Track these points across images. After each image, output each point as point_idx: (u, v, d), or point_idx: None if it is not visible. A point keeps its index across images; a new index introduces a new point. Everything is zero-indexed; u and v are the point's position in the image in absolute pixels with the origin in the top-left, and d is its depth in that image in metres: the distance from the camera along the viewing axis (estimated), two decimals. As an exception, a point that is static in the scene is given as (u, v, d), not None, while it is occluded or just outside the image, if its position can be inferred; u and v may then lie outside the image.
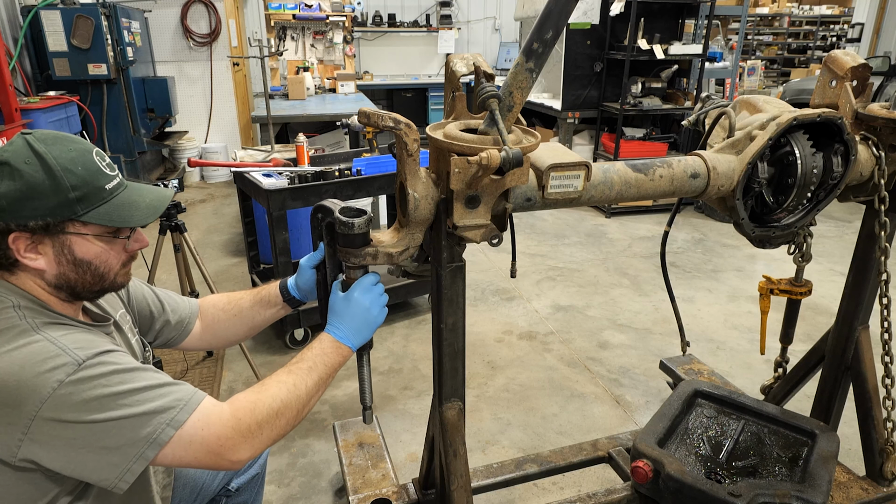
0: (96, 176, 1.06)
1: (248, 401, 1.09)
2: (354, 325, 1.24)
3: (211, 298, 1.54)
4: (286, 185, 2.99)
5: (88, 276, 1.09)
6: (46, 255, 1.05)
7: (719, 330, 3.54)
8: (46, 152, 1.01)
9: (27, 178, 0.99)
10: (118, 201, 1.08)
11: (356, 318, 1.25)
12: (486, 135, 1.14)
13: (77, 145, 1.07)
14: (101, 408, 0.96)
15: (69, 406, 0.94)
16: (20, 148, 1.02)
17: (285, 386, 1.14)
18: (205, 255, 4.55)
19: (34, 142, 1.02)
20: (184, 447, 1.01)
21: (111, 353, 1.02)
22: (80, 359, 0.97)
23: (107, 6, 5.07)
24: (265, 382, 1.14)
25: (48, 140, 1.04)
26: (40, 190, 1.00)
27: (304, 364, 1.19)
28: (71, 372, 0.95)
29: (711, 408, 1.85)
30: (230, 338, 1.53)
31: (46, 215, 1.01)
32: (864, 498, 1.79)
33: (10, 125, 3.95)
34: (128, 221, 1.09)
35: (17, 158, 1.00)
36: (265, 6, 7.45)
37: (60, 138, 1.06)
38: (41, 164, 1.00)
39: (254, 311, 1.49)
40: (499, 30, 9.18)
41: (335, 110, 5.87)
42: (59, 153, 1.03)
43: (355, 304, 1.24)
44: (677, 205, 1.93)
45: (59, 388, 0.93)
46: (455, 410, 1.45)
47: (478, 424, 2.69)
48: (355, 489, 1.86)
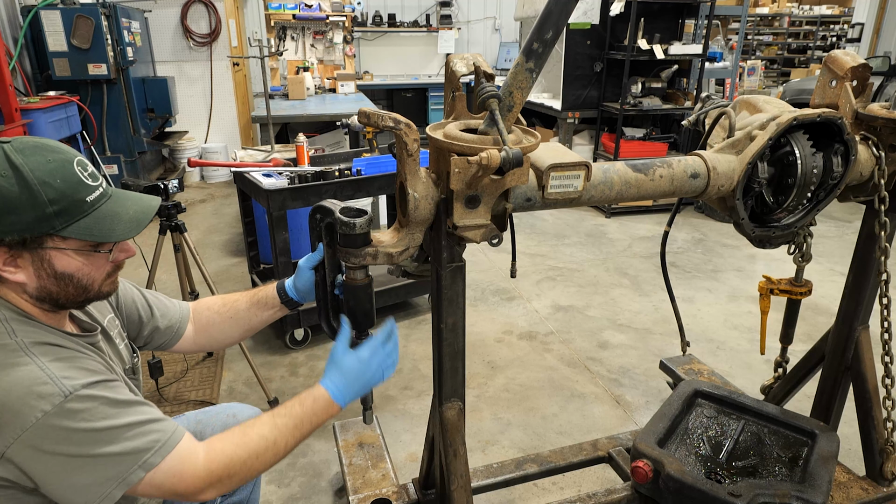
0: (76, 188, 1.01)
1: (224, 453, 1.10)
2: (356, 387, 1.23)
3: (205, 301, 1.52)
4: (286, 185, 2.99)
5: (71, 288, 1.06)
6: (26, 268, 1.02)
7: (719, 330, 3.54)
8: (23, 164, 0.96)
9: (2, 191, 0.95)
10: (99, 214, 1.04)
11: (360, 381, 1.23)
12: (486, 135, 1.14)
13: (57, 155, 1.01)
14: (79, 442, 0.96)
15: (49, 437, 0.94)
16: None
17: (265, 442, 1.14)
18: (205, 255, 4.55)
19: (11, 152, 0.97)
20: (153, 488, 1.03)
21: (97, 385, 1.00)
22: (66, 391, 0.96)
23: (107, 6, 5.07)
24: (247, 433, 1.14)
25: (26, 150, 0.98)
26: (16, 204, 0.95)
27: (292, 421, 1.17)
28: (56, 403, 0.94)
29: (711, 408, 1.85)
30: (225, 340, 1.52)
31: (23, 230, 0.97)
32: (864, 498, 1.79)
33: (10, 125, 3.95)
34: (108, 236, 1.04)
35: None
36: (265, 6, 7.45)
37: (40, 147, 1.01)
38: (17, 177, 0.96)
39: (250, 314, 1.48)
40: (499, 30, 9.18)
41: (335, 110, 5.87)
42: (37, 165, 0.98)
43: (364, 366, 1.23)
44: (677, 205, 1.93)
45: (42, 417, 0.93)
46: (455, 410, 1.45)
47: (478, 424, 2.69)
48: (355, 489, 1.86)
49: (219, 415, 1.60)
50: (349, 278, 1.26)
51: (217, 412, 1.62)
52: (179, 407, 2.76)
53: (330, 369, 1.24)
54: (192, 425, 1.57)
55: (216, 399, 2.84)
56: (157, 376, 2.70)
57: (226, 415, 1.60)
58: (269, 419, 1.17)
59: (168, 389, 2.90)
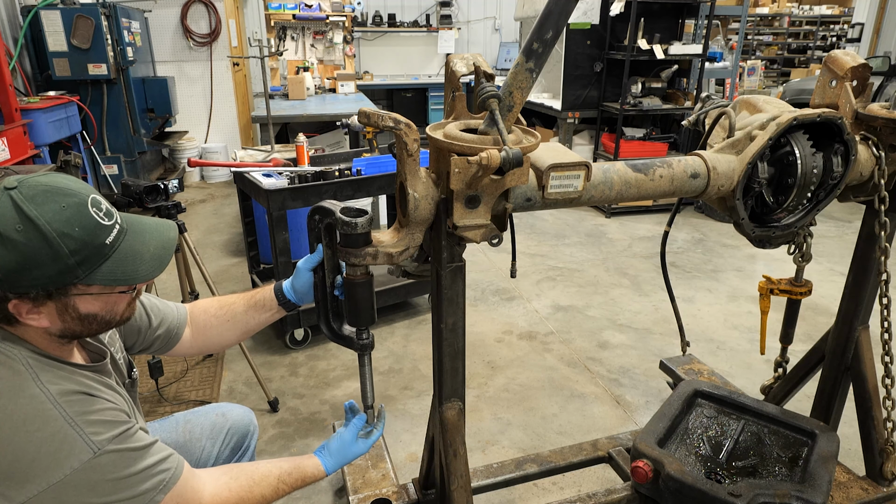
0: (95, 233, 0.98)
1: (228, 501, 1.19)
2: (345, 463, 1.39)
3: (202, 304, 1.51)
4: (286, 185, 2.99)
5: (94, 325, 1.08)
6: (50, 314, 1.01)
7: (719, 330, 3.54)
8: (38, 216, 0.92)
9: (21, 247, 0.92)
10: (120, 254, 1.02)
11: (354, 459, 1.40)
12: (486, 135, 1.14)
13: (71, 199, 0.96)
14: (101, 493, 1.01)
15: (74, 490, 0.98)
16: (7, 210, 0.92)
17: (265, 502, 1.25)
18: (205, 255, 4.55)
19: (22, 202, 0.92)
20: None
21: (119, 437, 1.03)
22: (95, 447, 0.99)
23: (107, 6, 5.07)
24: (253, 490, 1.23)
25: (37, 197, 0.93)
26: (37, 259, 0.93)
27: (289, 489, 1.29)
28: (85, 460, 0.98)
29: (711, 408, 1.85)
30: (223, 343, 1.52)
31: (47, 284, 0.96)
32: (864, 498, 1.79)
33: (10, 125, 3.95)
34: (133, 279, 1.04)
35: (6, 226, 0.91)
36: (265, 6, 7.45)
37: (51, 192, 0.95)
38: (34, 231, 0.92)
39: (248, 316, 1.48)
40: (499, 30, 9.18)
41: (335, 110, 5.87)
42: (52, 215, 0.94)
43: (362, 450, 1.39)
44: (677, 205, 1.93)
45: (70, 474, 0.97)
46: (455, 410, 1.45)
47: (478, 424, 2.69)
48: (355, 489, 1.86)
49: (207, 414, 1.61)
50: (350, 275, 1.26)
51: (206, 412, 1.62)
52: (179, 407, 2.76)
53: (335, 454, 1.37)
54: (181, 425, 1.57)
55: (216, 399, 2.84)
56: (157, 376, 2.70)
57: (214, 414, 1.61)
58: (275, 483, 1.27)
59: (168, 389, 2.90)
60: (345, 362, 3.15)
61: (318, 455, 1.36)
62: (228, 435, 1.60)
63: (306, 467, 1.33)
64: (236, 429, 1.61)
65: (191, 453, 1.54)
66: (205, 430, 1.57)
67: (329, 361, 3.17)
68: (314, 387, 2.96)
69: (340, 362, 3.15)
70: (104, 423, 1.02)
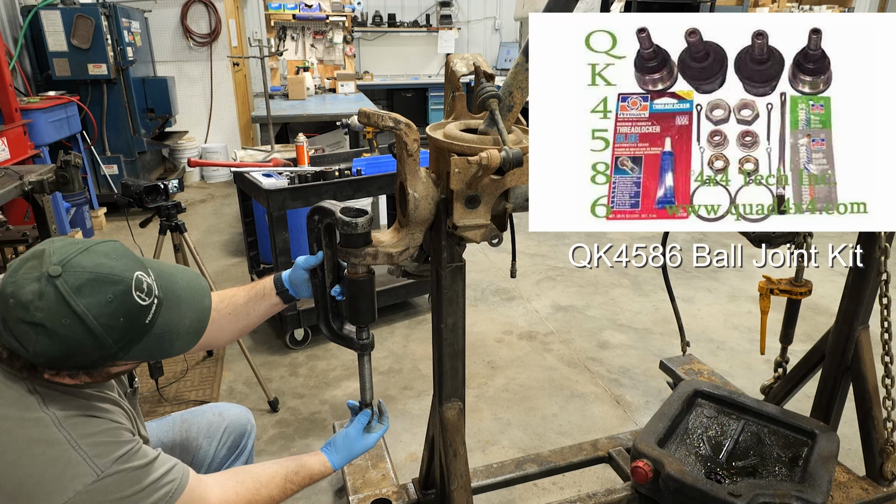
0: (138, 317, 0.99)
1: None
2: (351, 458, 1.39)
3: None
4: (286, 185, 2.99)
5: (118, 377, 1.13)
6: (80, 377, 1.05)
7: (719, 330, 3.54)
8: (85, 312, 0.93)
9: (66, 339, 0.93)
10: (157, 330, 1.02)
11: (360, 454, 1.40)
12: (486, 135, 1.14)
13: (117, 287, 0.96)
14: None
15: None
16: (54, 304, 0.91)
17: (273, 503, 1.26)
18: (205, 255, 4.55)
19: (68, 294, 0.92)
20: None
21: (124, 458, 1.03)
22: (98, 470, 0.99)
23: (107, 6, 5.07)
24: (260, 492, 1.23)
25: (83, 289, 0.93)
26: (81, 349, 0.95)
27: (297, 487, 1.30)
28: (88, 483, 0.98)
29: (711, 408, 1.85)
30: (225, 337, 1.51)
31: (86, 366, 1.00)
32: (864, 498, 1.79)
33: (9, 125, 3.95)
34: (168, 353, 1.06)
35: (52, 320, 0.92)
36: (265, 6, 7.44)
37: (97, 282, 0.94)
38: (80, 325, 0.93)
39: (248, 307, 1.46)
40: (499, 30, 9.17)
41: (335, 110, 5.87)
42: (99, 309, 0.94)
43: (368, 445, 1.38)
44: (677, 205, 1.93)
45: (74, 496, 0.97)
46: (455, 410, 1.46)
47: (478, 424, 2.69)
48: (355, 489, 1.86)
49: (204, 414, 1.61)
50: (351, 272, 1.26)
51: (203, 411, 1.62)
52: (179, 407, 2.76)
53: (341, 450, 1.37)
54: (178, 424, 1.57)
55: (216, 399, 2.84)
56: (157, 376, 2.70)
57: (211, 413, 1.61)
58: (282, 484, 1.27)
59: (168, 389, 2.90)
60: (345, 362, 3.15)
61: (323, 451, 1.36)
62: (225, 434, 1.60)
63: (312, 465, 1.33)
64: (233, 428, 1.61)
65: (187, 452, 1.54)
66: (201, 429, 1.57)
67: (329, 361, 3.17)
68: (314, 387, 2.96)
69: (340, 362, 3.15)
70: (108, 445, 1.03)
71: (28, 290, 0.91)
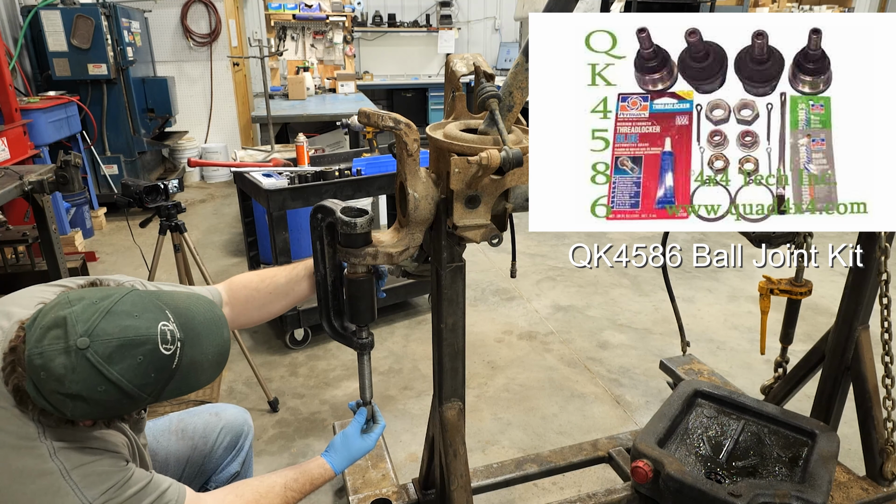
0: (166, 366, 0.99)
1: None
2: (351, 461, 1.39)
3: (241, 279, 1.47)
4: (286, 185, 2.99)
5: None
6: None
7: (719, 330, 3.54)
8: (119, 378, 0.94)
9: (103, 402, 0.95)
10: (183, 370, 1.02)
11: (358, 456, 1.39)
12: (486, 135, 1.14)
13: (145, 347, 0.96)
14: None
15: None
16: (87, 376, 0.92)
17: None
18: (205, 255, 4.55)
19: (100, 364, 0.92)
20: None
21: (112, 489, 1.04)
22: (87, 502, 1.00)
23: (107, 6, 5.07)
24: (259, 502, 1.22)
25: (114, 356, 0.93)
26: (118, 407, 0.98)
27: (299, 495, 1.30)
28: None
29: (711, 408, 1.85)
30: (264, 315, 1.49)
31: (122, 417, 1.05)
32: (864, 498, 1.79)
33: (9, 125, 3.95)
34: (194, 388, 1.06)
35: (89, 390, 0.93)
36: (265, 6, 7.44)
37: (126, 347, 0.94)
38: (117, 389, 0.95)
39: (288, 287, 1.44)
40: (499, 30, 9.17)
41: (335, 110, 5.87)
42: (132, 372, 0.95)
43: (368, 447, 1.38)
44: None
45: None
46: (455, 410, 1.46)
47: (478, 424, 2.69)
48: (355, 489, 1.86)
49: (201, 414, 1.61)
50: (351, 272, 1.26)
51: (199, 411, 1.62)
52: (179, 407, 2.75)
53: (340, 451, 1.37)
54: (174, 424, 1.57)
55: (216, 399, 2.84)
56: (157, 376, 2.69)
57: (208, 413, 1.61)
58: (281, 493, 1.26)
59: (168, 389, 2.89)
60: (345, 362, 3.15)
61: (323, 456, 1.37)
62: (221, 434, 1.59)
63: (312, 470, 1.33)
64: (230, 428, 1.61)
65: (183, 452, 1.54)
66: (197, 429, 1.57)
67: (329, 361, 3.17)
68: (314, 387, 2.96)
69: (340, 362, 3.15)
70: (99, 475, 1.03)
71: (58, 363, 0.91)
